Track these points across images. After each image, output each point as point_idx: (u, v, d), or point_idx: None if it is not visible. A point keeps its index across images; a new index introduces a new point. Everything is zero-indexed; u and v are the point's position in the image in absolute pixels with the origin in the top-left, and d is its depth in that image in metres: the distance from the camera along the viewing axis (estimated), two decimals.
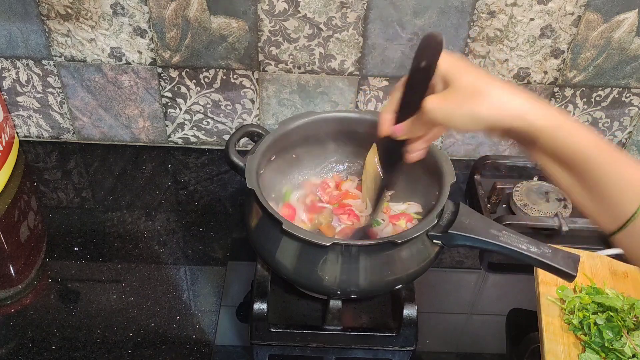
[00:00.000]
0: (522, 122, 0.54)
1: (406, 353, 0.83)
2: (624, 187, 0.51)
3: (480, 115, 0.55)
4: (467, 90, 0.55)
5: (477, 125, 0.56)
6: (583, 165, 0.53)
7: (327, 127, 0.89)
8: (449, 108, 0.56)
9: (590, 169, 0.53)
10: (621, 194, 0.52)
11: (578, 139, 0.53)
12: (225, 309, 0.87)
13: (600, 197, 0.53)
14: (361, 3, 0.94)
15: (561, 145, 0.53)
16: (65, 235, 0.97)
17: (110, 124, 1.12)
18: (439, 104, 0.57)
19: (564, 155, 0.54)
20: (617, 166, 0.52)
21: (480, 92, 0.55)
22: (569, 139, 0.53)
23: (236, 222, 1.01)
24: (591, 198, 0.54)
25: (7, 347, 0.80)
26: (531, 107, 0.54)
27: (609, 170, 0.52)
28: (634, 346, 0.75)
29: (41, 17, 0.98)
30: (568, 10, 0.95)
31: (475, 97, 0.55)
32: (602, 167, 0.52)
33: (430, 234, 0.76)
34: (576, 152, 0.53)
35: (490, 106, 0.54)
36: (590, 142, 0.53)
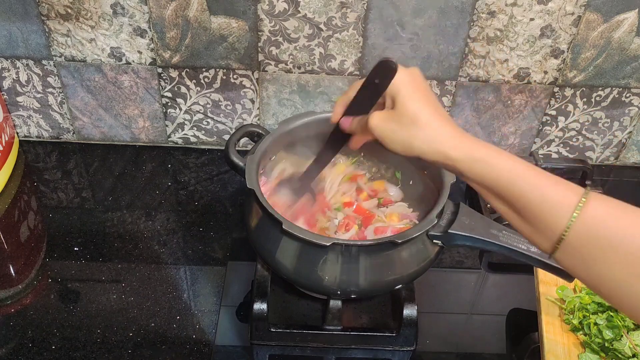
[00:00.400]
0: (443, 158, 0.59)
1: (406, 353, 0.83)
2: (548, 210, 0.53)
3: (410, 145, 0.60)
4: (407, 118, 0.60)
5: (407, 152, 0.61)
6: (508, 194, 0.56)
7: (327, 127, 0.89)
8: (387, 129, 0.62)
9: (515, 196, 0.55)
10: (548, 216, 0.53)
11: (497, 169, 0.56)
12: (225, 309, 0.87)
13: (530, 220, 0.55)
14: (361, 3, 0.94)
15: (482, 177, 0.57)
16: (65, 235, 0.97)
17: (110, 124, 1.12)
18: (379, 123, 0.62)
19: (486, 185, 0.57)
20: (539, 190, 0.54)
21: (416, 124, 0.60)
22: (488, 169, 0.57)
23: (236, 222, 1.01)
24: (524, 221, 0.56)
25: (7, 347, 0.80)
26: (454, 144, 0.58)
27: (532, 195, 0.54)
28: (633, 346, 0.76)
29: (41, 17, 0.98)
30: (568, 10, 0.95)
31: (411, 128, 0.60)
32: (524, 193, 0.55)
33: (430, 234, 0.76)
34: (499, 181, 0.56)
35: (422, 139, 0.59)
36: (510, 171, 0.56)
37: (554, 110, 1.08)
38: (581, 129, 1.11)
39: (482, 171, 0.57)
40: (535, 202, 0.54)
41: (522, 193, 0.55)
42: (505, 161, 0.56)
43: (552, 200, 0.53)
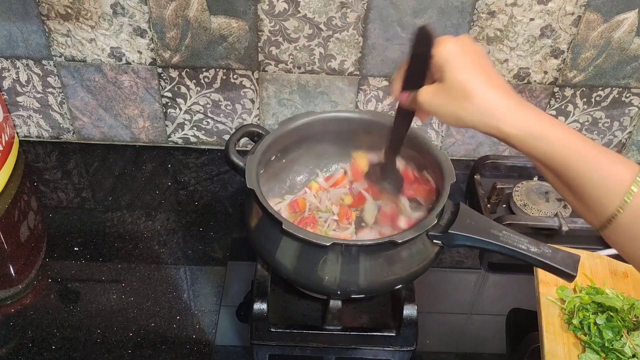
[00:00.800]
0: (497, 131, 0.57)
1: (406, 353, 0.83)
2: (603, 188, 0.53)
3: (461, 118, 0.58)
4: (456, 89, 0.58)
5: (459, 124, 0.59)
6: (562, 169, 0.55)
7: (327, 127, 0.89)
8: (437, 104, 0.60)
9: (569, 172, 0.54)
10: (602, 195, 0.53)
11: (553, 144, 0.55)
12: (225, 309, 0.87)
13: (583, 196, 0.55)
14: (361, 3, 0.94)
15: (536, 152, 0.56)
16: (65, 235, 0.97)
17: (110, 124, 1.12)
18: (428, 98, 0.61)
19: (541, 159, 0.56)
20: (595, 168, 0.53)
21: (466, 96, 0.57)
22: (545, 146, 0.55)
23: (236, 222, 1.01)
24: (575, 198, 0.56)
25: (7, 347, 0.80)
26: (509, 117, 0.56)
27: (588, 172, 0.53)
28: (633, 346, 0.75)
29: (41, 17, 0.98)
30: (568, 10, 0.95)
31: (462, 100, 0.57)
32: (581, 170, 0.54)
33: (430, 234, 0.76)
34: (553, 157, 0.55)
35: (472, 111, 0.57)
36: (567, 146, 0.54)
37: (554, 110, 1.08)
38: (581, 129, 1.11)
39: (537, 146, 0.55)
40: (591, 179, 0.53)
41: (578, 170, 0.54)
42: (561, 135, 0.55)
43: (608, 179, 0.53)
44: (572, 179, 0.55)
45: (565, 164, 0.54)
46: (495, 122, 0.56)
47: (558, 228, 0.96)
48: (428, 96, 0.61)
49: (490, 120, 0.56)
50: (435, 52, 0.59)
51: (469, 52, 0.59)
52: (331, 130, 0.90)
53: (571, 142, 0.54)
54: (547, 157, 0.55)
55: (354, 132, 0.89)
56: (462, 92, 0.57)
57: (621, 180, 0.52)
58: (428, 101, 0.61)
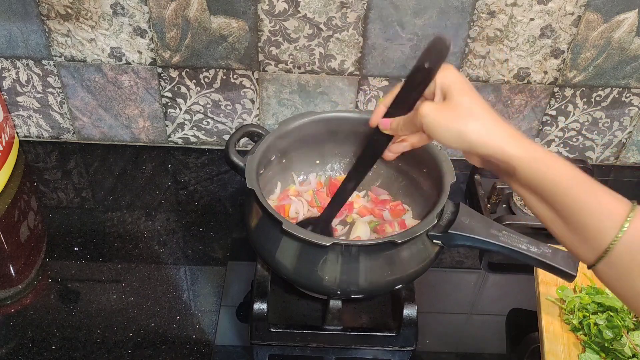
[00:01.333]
0: (501, 153, 0.57)
1: (406, 353, 0.83)
2: (600, 218, 0.53)
3: (466, 136, 0.58)
4: (463, 109, 0.58)
5: (461, 144, 0.59)
6: (560, 197, 0.55)
7: (327, 127, 0.89)
8: (441, 119, 0.59)
9: (567, 200, 0.54)
10: (598, 225, 0.53)
11: (555, 171, 0.55)
12: (225, 309, 0.87)
13: (578, 228, 0.54)
14: (361, 3, 0.94)
15: (538, 177, 0.56)
16: (65, 235, 0.97)
17: (110, 124, 1.12)
18: (433, 112, 0.60)
19: (541, 186, 0.56)
20: (593, 197, 0.53)
21: (473, 115, 0.58)
22: (546, 171, 0.55)
23: (236, 222, 1.01)
24: (569, 229, 0.55)
25: (7, 347, 0.80)
26: (512, 140, 0.57)
27: (586, 201, 0.53)
28: (633, 346, 0.76)
29: (41, 17, 0.98)
30: (568, 10, 0.95)
31: (468, 118, 0.58)
32: (579, 199, 0.54)
33: (430, 234, 0.76)
34: (553, 184, 0.55)
35: (478, 130, 0.57)
36: (567, 175, 0.55)
37: (554, 110, 1.08)
38: (581, 129, 1.11)
39: (538, 172, 0.55)
40: (588, 208, 0.53)
41: (576, 198, 0.54)
42: (562, 164, 0.55)
43: (606, 210, 0.53)
44: (567, 207, 0.54)
45: (563, 191, 0.54)
46: (500, 142, 0.57)
47: None
48: (431, 110, 0.60)
49: (494, 141, 0.57)
50: (441, 74, 0.61)
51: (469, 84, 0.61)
52: (331, 130, 0.90)
53: (570, 169, 0.55)
54: (546, 182, 0.55)
55: (354, 132, 0.89)
56: (468, 111, 0.58)
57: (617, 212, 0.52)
58: (431, 114, 0.60)
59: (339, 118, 0.89)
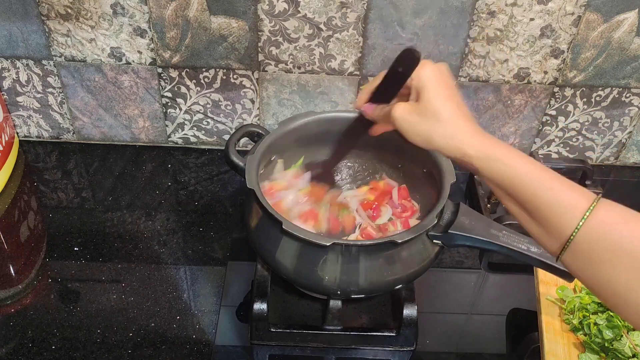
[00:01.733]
0: (462, 155, 0.60)
1: (406, 353, 0.83)
2: (559, 211, 0.54)
3: (430, 139, 0.62)
4: (430, 112, 0.61)
5: (426, 145, 0.63)
6: (520, 193, 0.57)
7: (327, 127, 0.89)
8: (409, 122, 0.63)
9: (526, 195, 0.57)
10: (558, 219, 0.55)
11: (512, 169, 0.57)
12: (225, 309, 0.87)
13: (541, 221, 0.56)
14: (361, 3, 0.94)
15: (497, 176, 0.58)
16: (65, 235, 0.97)
17: (110, 124, 1.12)
18: (402, 114, 0.64)
19: (501, 183, 0.58)
20: (552, 191, 0.55)
21: (438, 120, 0.61)
22: (505, 169, 0.58)
23: (236, 222, 1.01)
24: (534, 222, 0.57)
25: (7, 347, 0.80)
26: (472, 141, 0.60)
27: (545, 195, 0.55)
28: (633, 346, 0.76)
29: (41, 17, 0.98)
30: (568, 10, 0.95)
31: (433, 122, 0.61)
32: (538, 193, 0.56)
33: (430, 234, 0.76)
34: (512, 181, 0.57)
35: (441, 135, 0.61)
36: (526, 171, 0.57)
37: (554, 110, 1.08)
38: (581, 129, 1.11)
39: (497, 170, 0.58)
40: (548, 204, 0.55)
41: (536, 194, 0.56)
42: (520, 162, 0.57)
43: (564, 204, 0.54)
44: (530, 204, 0.57)
45: (524, 189, 0.57)
46: (461, 145, 0.60)
47: None
48: (403, 112, 0.64)
49: (455, 143, 0.60)
50: (416, 73, 0.63)
51: (444, 81, 0.63)
52: (331, 130, 0.90)
53: (530, 168, 0.57)
54: (507, 181, 0.58)
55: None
56: (434, 115, 0.61)
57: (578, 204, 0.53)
58: (402, 117, 0.64)
59: (339, 118, 0.89)
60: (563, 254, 0.55)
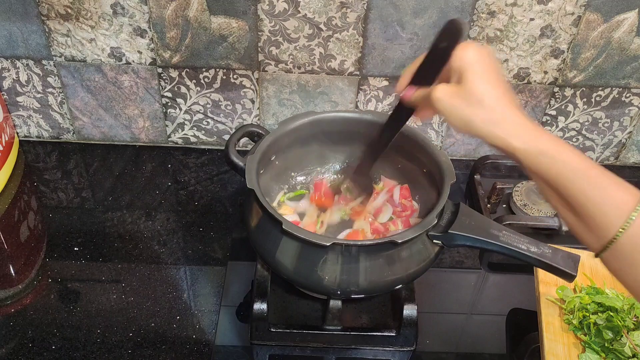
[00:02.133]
0: (506, 145, 0.57)
1: (406, 353, 0.83)
2: (606, 210, 0.53)
3: (473, 125, 0.58)
4: (473, 96, 0.58)
5: (467, 131, 0.59)
6: (566, 189, 0.55)
7: (327, 127, 0.89)
8: (451, 105, 0.59)
9: (572, 191, 0.54)
10: (604, 217, 0.53)
11: (561, 164, 0.55)
12: (225, 309, 0.87)
13: (585, 218, 0.54)
14: (361, 3, 0.94)
15: (543, 170, 0.56)
16: (65, 235, 0.97)
17: (110, 124, 1.12)
18: (444, 98, 0.60)
19: (546, 177, 0.56)
20: (599, 188, 0.53)
21: (482, 104, 0.57)
22: (551, 164, 0.55)
23: (236, 222, 1.01)
24: (577, 218, 0.56)
25: (7, 347, 0.80)
26: (519, 133, 0.56)
27: (591, 193, 0.53)
28: (633, 346, 0.75)
29: (41, 17, 0.98)
30: (568, 10, 0.95)
31: (476, 107, 0.57)
32: (584, 190, 0.54)
33: (430, 234, 0.76)
34: (558, 176, 0.55)
35: (484, 121, 0.57)
36: (575, 167, 0.54)
37: (554, 110, 1.08)
38: (581, 129, 1.11)
39: (544, 165, 0.55)
40: (594, 201, 0.53)
41: (582, 191, 0.54)
42: (569, 156, 0.55)
43: (611, 202, 0.53)
44: (574, 199, 0.54)
45: (569, 185, 0.54)
46: (505, 134, 0.57)
47: (558, 228, 0.96)
48: (444, 94, 0.60)
49: (500, 133, 0.57)
50: (458, 54, 0.59)
51: (490, 64, 0.59)
52: (331, 130, 0.90)
53: (577, 161, 0.54)
54: (552, 174, 0.55)
55: (354, 132, 0.89)
56: (478, 99, 0.57)
57: (623, 204, 0.52)
58: (443, 100, 0.60)
59: (339, 118, 0.89)
60: (604, 253, 0.53)
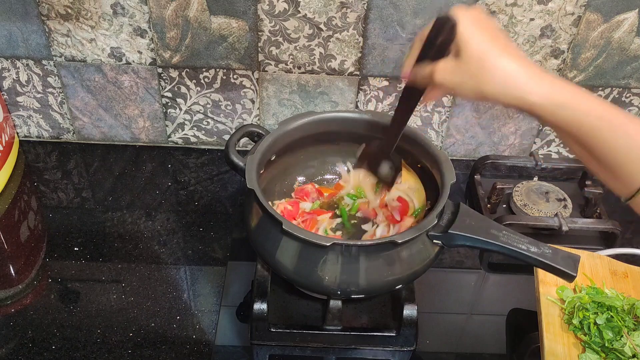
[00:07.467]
0: (523, 103, 0.54)
1: (406, 353, 0.83)
2: (633, 158, 0.51)
3: (483, 92, 0.56)
4: (473, 64, 0.56)
5: (481, 98, 0.57)
6: (589, 138, 0.53)
7: (327, 127, 0.89)
8: (456, 81, 0.57)
9: (596, 142, 0.53)
10: (630, 165, 0.51)
11: (582, 115, 0.52)
12: (225, 309, 0.87)
13: (610, 166, 0.53)
14: (361, 3, 0.94)
15: (563, 122, 0.53)
16: (65, 235, 0.97)
17: (110, 124, 1.12)
18: (445, 77, 0.58)
19: (568, 129, 0.54)
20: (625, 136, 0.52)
21: (485, 68, 0.55)
22: (572, 115, 0.53)
23: (236, 222, 1.01)
24: (602, 167, 0.54)
25: (7, 347, 0.80)
26: (533, 87, 0.54)
27: (617, 141, 0.52)
28: (634, 346, 0.75)
29: (41, 17, 0.98)
30: (568, 10, 0.95)
31: (480, 74, 0.55)
32: (609, 140, 0.52)
33: (430, 234, 0.76)
34: (580, 127, 0.53)
35: (493, 84, 0.55)
36: (598, 114, 0.52)
37: None
38: None
39: (564, 117, 0.53)
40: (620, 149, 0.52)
41: (607, 139, 0.52)
42: (591, 104, 0.52)
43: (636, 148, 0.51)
44: (599, 149, 0.53)
45: (592, 133, 0.52)
46: (519, 92, 0.54)
47: (558, 228, 0.96)
48: (445, 74, 0.58)
49: (512, 91, 0.54)
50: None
51: (482, 22, 0.57)
52: (331, 130, 0.90)
53: (599, 110, 0.52)
54: (573, 126, 0.53)
55: (354, 132, 0.89)
56: (479, 65, 0.55)
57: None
58: (446, 80, 0.58)
59: (339, 118, 0.89)
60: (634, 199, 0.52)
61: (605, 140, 0.52)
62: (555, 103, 0.53)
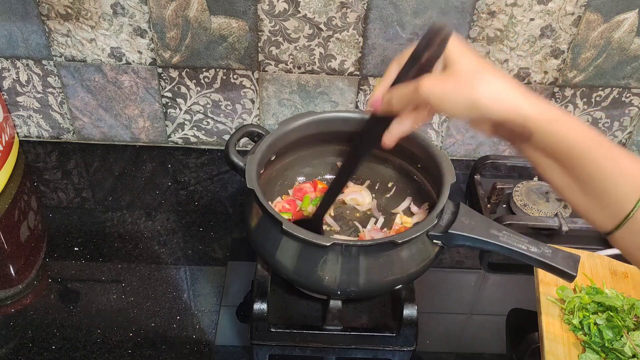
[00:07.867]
0: (517, 115, 0.52)
1: (406, 353, 0.83)
2: (621, 182, 0.50)
3: (476, 103, 0.53)
4: (466, 75, 0.53)
5: (471, 112, 0.53)
6: (578, 160, 0.51)
7: (327, 127, 0.89)
8: (445, 91, 0.54)
9: (585, 163, 0.51)
10: (618, 189, 0.50)
11: (573, 133, 0.51)
12: (225, 309, 0.87)
13: (596, 193, 0.51)
14: (361, 3, 0.94)
15: (556, 139, 0.52)
16: (65, 235, 0.97)
17: (110, 124, 1.12)
18: (434, 86, 0.54)
19: (558, 149, 0.52)
20: (613, 160, 0.50)
21: (479, 79, 0.53)
22: (564, 133, 0.51)
23: (236, 222, 1.01)
24: (586, 195, 0.52)
25: (7, 347, 0.80)
26: (527, 101, 0.52)
27: (605, 164, 0.50)
28: (634, 346, 0.75)
29: (41, 17, 0.98)
30: (568, 10, 0.95)
31: (474, 84, 0.53)
32: (598, 161, 0.51)
33: (430, 234, 0.76)
34: (571, 146, 0.51)
35: (488, 95, 0.52)
36: (586, 136, 0.51)
37: None
38: None
39: (557, 134, 0.51)
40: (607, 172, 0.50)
41: (595, 161, 0.50)
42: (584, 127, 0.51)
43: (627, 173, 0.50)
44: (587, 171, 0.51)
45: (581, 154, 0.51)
46: (514, 104, 0.52)
47: (558, 228, 0.96)
48: (433, 83, 0.54)
49: (507, 102, 0.52)
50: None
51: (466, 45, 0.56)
52: (331, 130, 0.90)
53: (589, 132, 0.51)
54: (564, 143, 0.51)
55: (354, 132, 0.89)
56: (473, 76, 0.53)
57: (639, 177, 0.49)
58: (435, 89, 0.54)
59: (339, 118, 0.89)
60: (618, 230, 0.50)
61: (594, 161, 0.51)
62: (548, 118, 0.52)
